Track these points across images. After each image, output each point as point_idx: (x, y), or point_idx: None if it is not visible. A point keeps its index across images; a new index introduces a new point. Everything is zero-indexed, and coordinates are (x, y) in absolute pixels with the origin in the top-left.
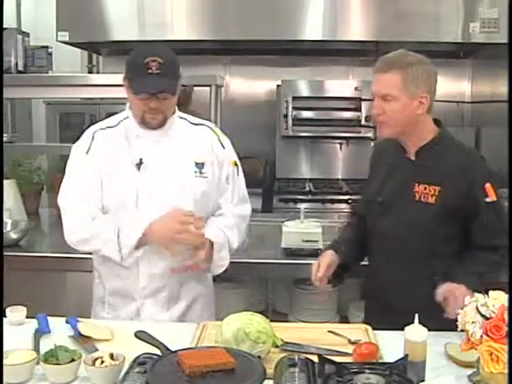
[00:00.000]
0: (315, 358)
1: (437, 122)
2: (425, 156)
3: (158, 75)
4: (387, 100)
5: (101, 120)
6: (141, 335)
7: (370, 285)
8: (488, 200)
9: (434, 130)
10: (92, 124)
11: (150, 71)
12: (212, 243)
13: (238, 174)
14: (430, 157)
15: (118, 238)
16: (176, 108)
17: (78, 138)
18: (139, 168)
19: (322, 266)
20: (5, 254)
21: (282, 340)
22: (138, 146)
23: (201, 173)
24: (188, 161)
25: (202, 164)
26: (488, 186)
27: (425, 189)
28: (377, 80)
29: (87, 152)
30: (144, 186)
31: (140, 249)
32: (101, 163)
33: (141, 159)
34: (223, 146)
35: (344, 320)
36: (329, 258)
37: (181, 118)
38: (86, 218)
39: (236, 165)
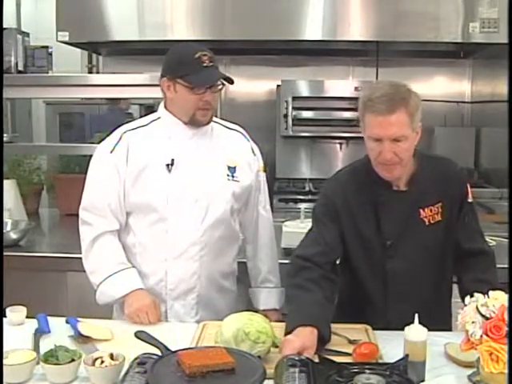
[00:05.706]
0: (315, 358)
1: None
2: (417, 182)
3: (212, 67)
4: (399, 141)
5: None
6: (141, 335)
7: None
8: (469, 200)
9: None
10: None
11: (204, 64)
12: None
13: (267, 180)
14: (421, 181)
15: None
16: None
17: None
18: (170, 169)
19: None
20: (5, 254)
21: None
22: (170, 146)
23: (233, 176)
24: (221, 164)
25: (234, 168)
26: (468, 186)
27: (430, 211)
28: (383, 123)
29: (111, 152)
30: (174, 187)
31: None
32: (124, 163)
33: (172, 160)
34: (254, 153)
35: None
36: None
37: (214, 121)
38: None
39: (265, 171)
